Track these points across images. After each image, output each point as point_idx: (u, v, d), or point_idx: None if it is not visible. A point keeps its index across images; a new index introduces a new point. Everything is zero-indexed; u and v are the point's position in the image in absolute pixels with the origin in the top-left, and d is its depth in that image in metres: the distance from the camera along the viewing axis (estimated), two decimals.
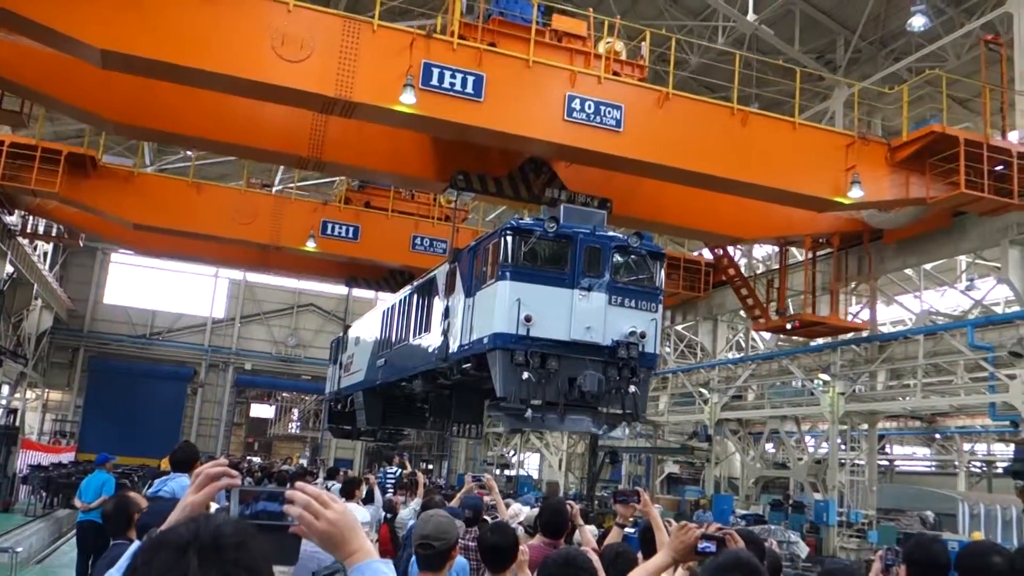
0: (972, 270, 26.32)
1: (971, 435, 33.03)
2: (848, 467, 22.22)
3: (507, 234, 12.65)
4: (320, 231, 22.32)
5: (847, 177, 15.44)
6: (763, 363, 25.25)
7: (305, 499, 1.97)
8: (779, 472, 26.08)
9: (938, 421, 30.77)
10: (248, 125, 15.45)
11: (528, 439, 36.83)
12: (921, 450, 41.27)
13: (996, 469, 32.73)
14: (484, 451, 42.46)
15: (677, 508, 26.47)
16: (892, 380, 22.59)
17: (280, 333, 44.70)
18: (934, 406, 22.62)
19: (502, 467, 40.81)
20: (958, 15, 21.99)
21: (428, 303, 16.23)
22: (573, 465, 34.64)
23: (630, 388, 12.59)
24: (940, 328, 20.16)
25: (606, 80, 14.28)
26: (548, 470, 37.92)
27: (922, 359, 19.57)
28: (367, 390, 20.77)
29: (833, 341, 21.98)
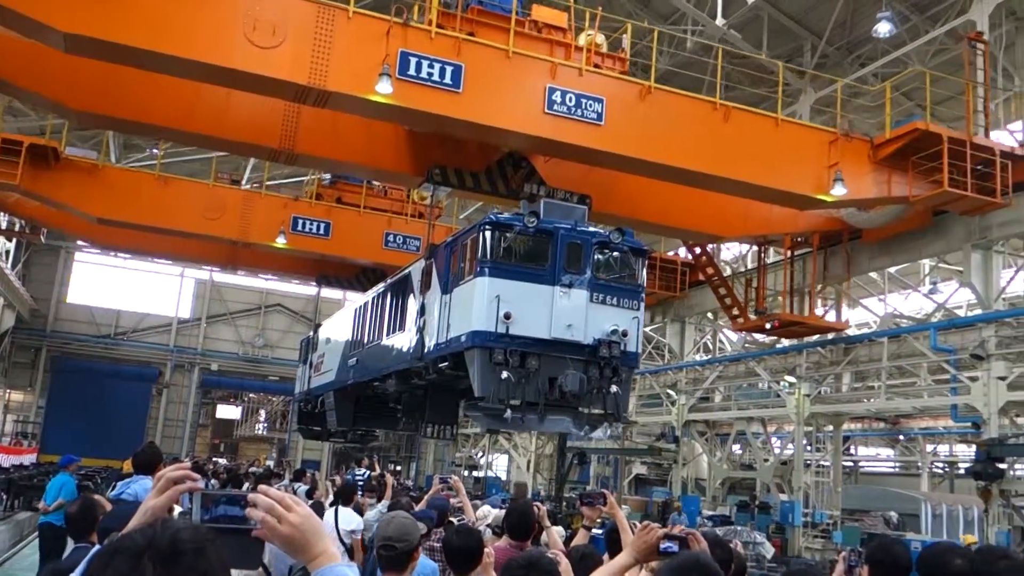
0: (935, 273, 26.57)
1: (934, 436, 33.46)
2: (813, 468, 22.37)
3: (486, 229, 12.27)
4: (290, 227, 21.79)
5: (830, 174, 15.23)
6: (730, 365, 25.45)
7: (268, 503, 1.95)
8: (746, 473, 26.19)
9: (902, 423, 31.13)
10: (218, 115, 14.94)
11: (496, 440, 36.82)
12: (885, 451, 41.93)
13: (958, 470, 33.15)
14: (453, 452, 42.34)
15: (644, 509, 26.52)
16: (857, 382, 22.94)
17: (247, 333, 44.14)
18: (898, 408, 22.94)
19: (470, 468, 40.83)
20: (923, 22, 22.22)
21: (402, 301, 15.80)
22: (541, 466, 34.66)
23: (611, 388, 12.27)
24: (904, 331, 20.30)
25: (587, 72, 13.94)
26: (516, 471, 37.73)
27: (886, 361, 19.76)
28: (338, 390, 20.28)
29: (799, 343, 22.15)
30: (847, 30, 23.18)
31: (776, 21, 23.45)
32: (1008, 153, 15.69)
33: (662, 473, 32.58)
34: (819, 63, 23.63)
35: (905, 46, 21.36)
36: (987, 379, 16.95)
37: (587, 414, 12.28)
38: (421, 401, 17.67)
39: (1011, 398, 16.66)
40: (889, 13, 20.14)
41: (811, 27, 23.47)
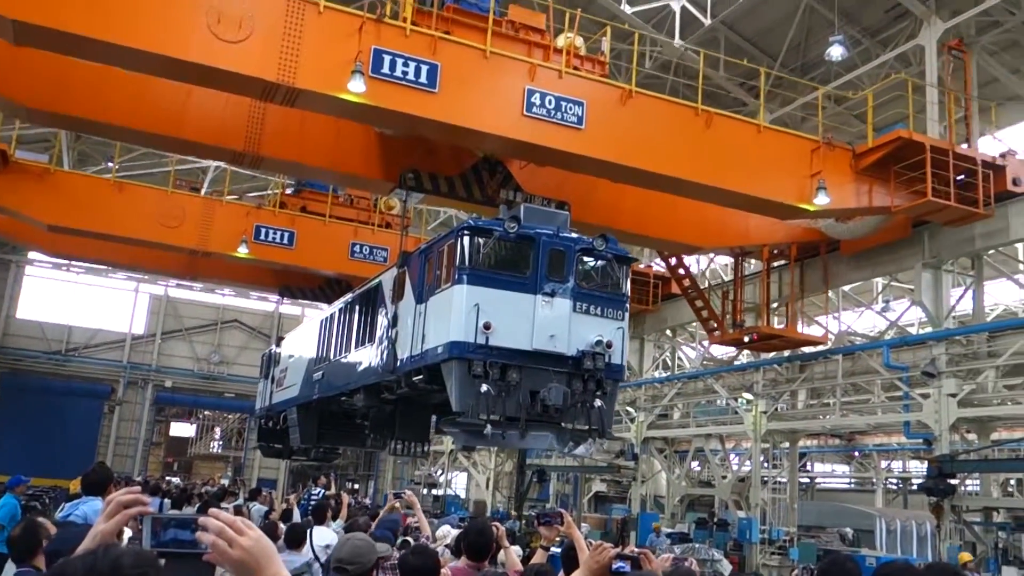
0: (887, 292, 26.75)
1: (888, 453, 34.06)
2: (770, 485, 22.56)
3: (464, 234, 11.66)
4: (253, 236, 20.97)
5: (812, 183, 14.89)
6: (689, 382, 25.61)
7: (218, 526, 1.92)
8: (704, 490, 26.22)
9: (856, 439, 31.44)
10: (178, 114, 14.17)
11: (456, 458, 36.50)
12: (841, 468, 42.70)
13: (911, 486, 33.48)
14: (411, 470, 41.94)
15: (604, 527, 26.52)
16: (812, 399, 23.08)
17: (203, 350, 43.17)
18: (852, 424, 23.23)
19: (430, 486, 40.50)
20: (874, 46, 22.48)
21: (372, 311, 15.11)
22: (501, 484, 34.49)
23: (596, 402, 11.70)
24: (857, 348, 20.43)
25: (567, 75, 13.43)
26: (476, 489, 37.61)
27: (841, 378, 19.96)
28: (301, 406, 19.46)
29: (756, 360, 22.44)
30: (801, 53, 23.32)
31: (732, 43, 23.55)
32: (990, 163, 15.47)
33: (622, 490, 32.49)
34: (775, 83, 23.62)
35: (857, 69, 21.58)
36: (938, 396, 17.13)
37: (571, 429, 11.67)
38: (390, 417, 17.01)
39: (961, 415, 16.85)
40: (841, 37, 20.27)
41: (766, 49, 23.61)
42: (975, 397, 17.32)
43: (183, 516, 2.25)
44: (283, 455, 24.70)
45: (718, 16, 23.08)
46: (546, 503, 33.62)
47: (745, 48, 23.87)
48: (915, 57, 20.22)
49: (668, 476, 26.68)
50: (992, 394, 17.67)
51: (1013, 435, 22.34)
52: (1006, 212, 16.00)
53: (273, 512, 15.80)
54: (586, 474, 31.88)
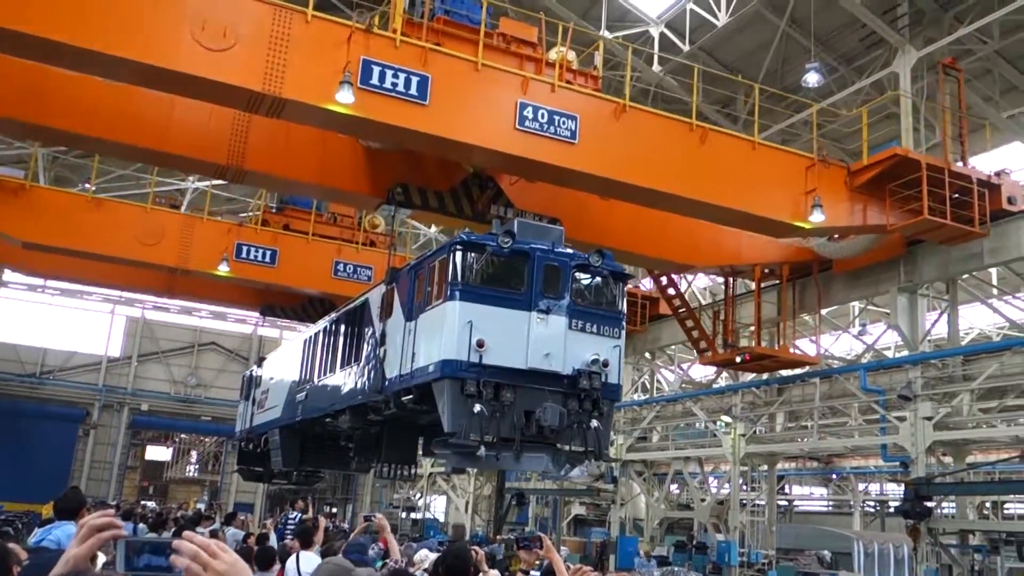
0: (864, 316, 26.82)
1: (865, 475, 34.25)
2: (749, 507, 22.63)
3: (456, 249, 11.29)
4: (234, 254, 20.48)
5: (807, 201, 14.68)
6: (668, 405, 25.67)
7: (192, 549, 1.89)
8: (683, 513, 26.27)
9: (834, 462, 31.57)
10: (159, 126, 13.74)
11: (435, 481, 36.38)
12: (819, 490, 43.23)
13: (889, 509, 33.65)
14: (390, 494, 41.66)
15: (583, 550, 26.51)
16: (791, 422, 23.29)
17: (180, 372, 42.58)
18: (830, 447, 23.32)
19: (408, 510, 40.16)
20: (849, 73, 22.72)
21: (359, 330, 14.67)
22: (480, 508, 34.37)
23: (592, 423, 11.32)
24: (835, 372, 20.58)
25: (560, 88, 13.17)
26: (455, 513, 37.38)
27: (818, 401, 20.13)
28: (284, 428, 18.92)
29: (734, 383, 22.66)
30: (778, 79, 23.35)
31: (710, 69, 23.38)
32: (985, 182, 15.32)
33: (601, 513, 32.55)
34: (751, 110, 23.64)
35: (833, 96, 21.67)
36: (914, 419, 17.26)
37: (567, 451, 11.28)
38: (375, 439, 16.56)
39: (937, 438, 17.02)
40: (817, 64, 20.32)
41: (744, 76, 23.50)
42: (950, 420, 17.49)
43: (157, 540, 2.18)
44: (264, 479, 24.09)
45: (696, 43, 23.12)
46: (525, 526, 33.71)
47: (723, 75, 23.90)
48: (889, 83, 20.39)
49: (647, 499, 26.69)
50: (967, 417, 17.86)
51: (988, 458, 22.58)
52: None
53: (251, 537, 15.33)
54: (565, 497, 31.87)
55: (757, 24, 22.70)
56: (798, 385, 21.23)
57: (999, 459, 21.92)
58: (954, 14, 19.92)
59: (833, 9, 20.68)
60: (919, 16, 20.14)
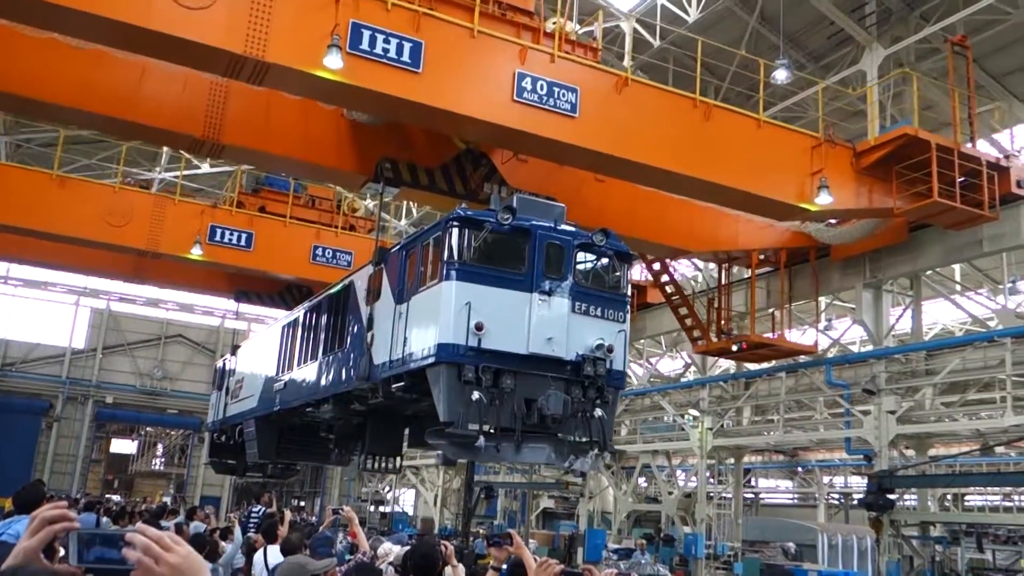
0: (830, 311, 26.81)
1: (830, 468, 35.25)
2: (716, 500, 23.23)
3: (453, 225, 10.53)
4: (207, 237, 19.55)
5: (812, 182, 14.08)
6: (636, 399, 25.76)
7: (145, 542, 1.85)
8: (651, 506, 26.52)
9: (800, 455, 32.55)
10: (130, 95, 12.81)
11: (404, 475, 35.97)
12: (784, 483, 43.99)
13: (852, 501, 34.26)
14: (359, 487, 41.44)
15: (552, 543, 26.76)
16: (757, 416, 23.59)
17: (145, 365, 41.51)
18: (795, 441, 24.07)
19: (377, 503, 40.03)
20: (817, 70, 22.43)
21: (343, 314, 13.87)
22: (449, 501, 34.31)
23: (596, 412, 10.64)
24: (801, 366, 20.71)
25: (560, 58, 12.43)
26: (424, 506, 37.27)
27: (784, 395, 20.53)
28: (260, 418, 18.06)
29: (702, 378, 23.11)
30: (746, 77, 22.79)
31: (682, 64, 22.99)
32: (994, 164, 14.81)
33: (569, 507, 32.93)
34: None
35: (801, 92, 21.40)
36: (878, 413, 17.55)
37: (569, 442, 10.60)
38: (357, 429, 15.81)
39: (900, 431, 17.34)
40: (786, 61, 20.07)
41: (714, 70, 23.16)
42: (913, 414, 17.79)
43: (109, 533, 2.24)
44: (237, 471, 23.18)
45: (667, 38, 22.58)
46: (494, 519, 33.95)
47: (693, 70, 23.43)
48: (857, 81, 20.16)
49: (615, 492, 26.64)
50: (929, 411, 18.22)
51: (950, 451, 23.03)
52: None
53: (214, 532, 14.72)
54: (534, 491, 31.89)
55: (727, 21, 22.36)
56: (765, 379, 21.46)
57: (960, 452, 22.38)
58: (920, 13, 19.88)
59: (802, 6, 20.53)
60: (886, 14, 20.03)
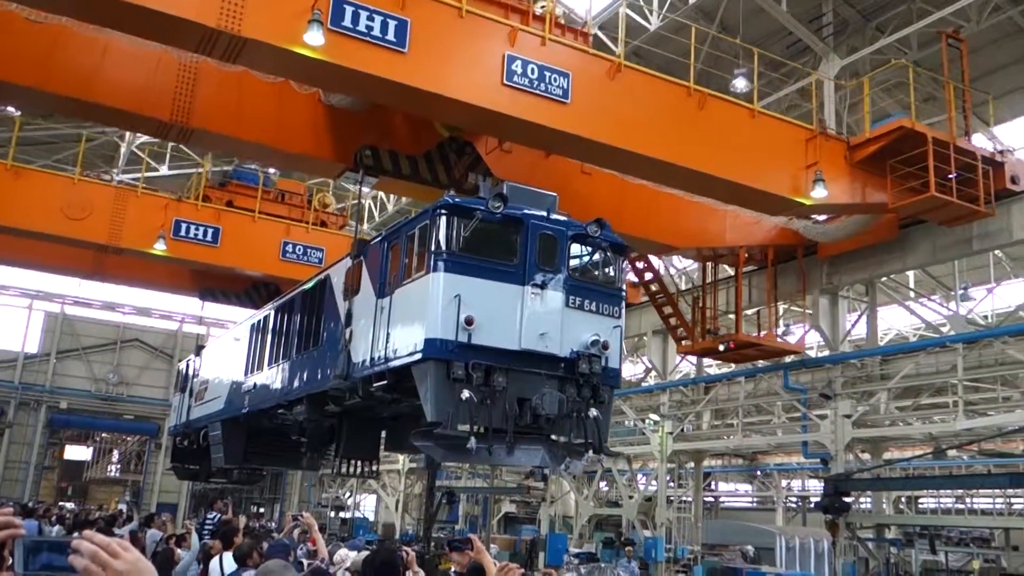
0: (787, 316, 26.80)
1: (788, 472, 35.51)
2: (676, 504, 23.35)
3: (441, 214, 9.87)
4: (171, 232, 18.69)
5: (807, 175, 13.66)
6: None
7: (92, 549, 1.82)
8: (612, 510, 26.57)
9: (758, 459, 32.72)
10: (92, 74, 12.00)
11: (365, 480, 35.49)
12: (743, 487, 44.85)
13: (810, 504, 34.81)
14: (319, 493, 41.19)
15: (513, 547, 26.84)
16: (717, 420, 23.92)
17: (101, 370, 40.42)
18: (754, 444, 24.22)
19: (337, 509, 39.63)
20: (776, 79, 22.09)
21: (318, 310, 13.14)
22: (410, 506, 34.18)
23: (591, 412, 10.04)
24: (759, 371, 20.87)
25: (551, 42, 11.86)
26: (385, 511, 36.95)
27: (743, 400, 20.84)
28: (227, 421, 17.21)
29: (662, 383, 23.20)
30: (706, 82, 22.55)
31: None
32: (989, 159, 14.49)
33: (531, 511, 33.00)
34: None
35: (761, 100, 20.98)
36: (834, 417, 17.72)
37: (564, 444, 9.99)
38: (330, 432, 15.07)
39: (856, 435, 17.62)
40: (745, 69, 19.84)
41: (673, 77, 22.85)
42: (868, 418, 18.16)
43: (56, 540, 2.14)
44: (200, 476, 22.25)
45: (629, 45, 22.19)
46: (455, 524, 33.87)
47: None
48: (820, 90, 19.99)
49: (577, 497, 26.61)
50: (884, 415, 18.64)
51: (904, 454, 23.36)
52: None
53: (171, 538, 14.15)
54: (496, 495, 31.82)
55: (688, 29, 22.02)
56: (724, 384, 21.72)
57: (914, 455, 22.69)
58: (876, 24, 20.04)
59: (761, 16, 20.38)
60: (843, 26, 20.04)
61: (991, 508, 29.28)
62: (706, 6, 21.02)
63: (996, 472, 22.64)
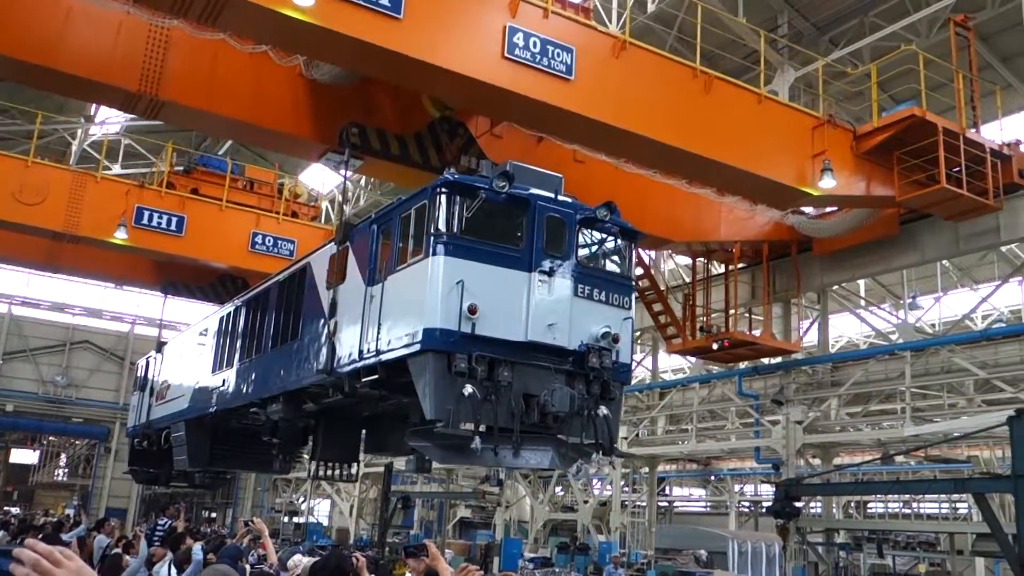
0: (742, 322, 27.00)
1: (741, 477, 35.95)
2: (630, 509, 23.80)
3: (442, 192, 9.02)
4: (133, 220, 17.57)
5: (814, 165, 13.05)
6: None
7: (33, 557, 1.76)
8: (567, 515, 26.60)
9: (712, 464, 33.10)
10: (53, 39, 10.94)
11: (319, 484, 34.94)
12: (697, 491, 44.75)
13: (762, 509, 34.97)
14: (272, 498, 40.57)
15: (468, 552, 26.86)
16: (671, 425, 23.99)
17: (49, 372, 38.93)
18: (708, 450, 24.70)
19: (291, 514, 38.92)
20: None
21: (296, 301, 12.21)
22: (365, 511, 33.95)
23: (601, 410, 9.25)
24: (713, 377, 21.34)
25: (553, 14, 11.08)
26: (339, 517, 36.40)
27: (697, 405, 21.23)
28: (192, 421, 16.16)
29: None
30: None
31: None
32: (997, 152, 13.99)
33: (487, 516, 32.87)
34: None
35: None
36: (786, 423, 17.98)
37: (573, 444, 9.19)
38: (303, 433, 14.17)
39: (807, 440, 17.93)
40: None
41: None
42: (819, 424, 18.48)
43: None
44: (160, 480, 21.08)
45: None
46: (410, 529, 33.34)
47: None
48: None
49: (532, 501, 26.51)
50: (835, 421, 19.02)
51: (853, 460, 23.87)
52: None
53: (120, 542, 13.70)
54: (451, 500, 31.78)
55: (647, 38, 21.51)
56: (679, 390, 22.13)
57: (863, 461, 23.16)
58: (830, 37, 20.20)
59: (718, 27, 19.83)
60: (797, 37, 19.89)
61: (937, 513, 29.98)
62: (664, 16, 20.71)
63: (942, 478, 23.07)
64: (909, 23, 17.27)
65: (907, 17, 17.30)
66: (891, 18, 18.01)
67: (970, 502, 22.62)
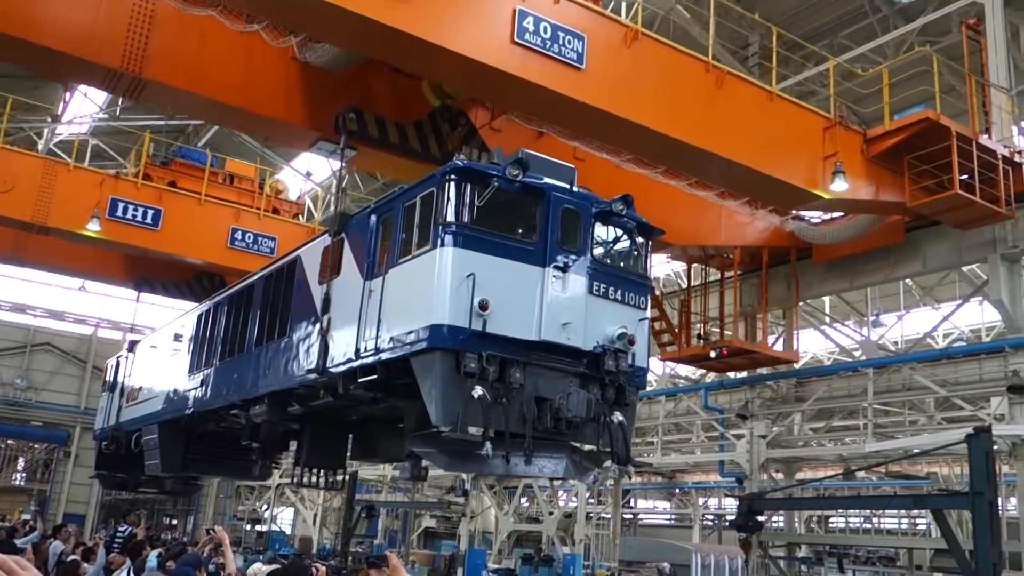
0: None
1: (705, 490, 36.17)
2: (595, 520, 23.79)
3: (451, 179, 8.41)
4: (107, 211, 16.75)
5: (824, 166, 12.62)
6: None
7: None
8: (532, 526, 26.46)
9: (677, 477, 33.60)
10: (26, 8, 10.19)
11: (283, 492, 34.52)
12: (662, 504, 45.03)
13: (725, 522, 35.28)
14: (235, 505, 40.09)
15: (432, 563, 26.83)
16: (637, 438, 23.49)
17: (8, 374, 37.98)
18: (673, 463, 25.14)
19: (254, 522, 38.37)
20: None
21: (285, 296, 11.52)
22: (328, 520, 33.61)
23: (616, 416, 8.67)
24: (680, 390, 21.62)
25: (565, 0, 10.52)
26: (302, 525, 36.05)
27: (663, 419, 21.34)
28: (166, 424, 15.35)
29: None
30: None
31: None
32: (1008, 159, 13.64)
33: (451, 526, 32.84)
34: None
35: None
36: (750, 437, 18.16)
37: (587, 452, 8.59)
38: (284, 437, 13.48)
39: (771, 455, 18.11)
40: None
41: None
42: (783, 439, 18.71)
43: None
44: (129, 486, 20.14)
45: None
46: (374, 539, 32.95)
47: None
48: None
49: (497, 512, 26.50)
50: (798, 436, 19.31)
51: (816, 475, 24.16)
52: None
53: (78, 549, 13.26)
54: (416, 510, 31.87)
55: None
56: (644, 403, 21.76)
57: (825, 476, 23.46)
58: (800, 56, 19.48)
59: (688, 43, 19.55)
60: (768, 55, 19.31)
61: (897, 528, 30.26)
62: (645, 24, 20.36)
63: (902, 494, 23.27)
64: (876, 45, 17.37)
65: (875, 39, 17.52)
66: (859, 40, 18.43)
67: (929, 518, 23.29)
